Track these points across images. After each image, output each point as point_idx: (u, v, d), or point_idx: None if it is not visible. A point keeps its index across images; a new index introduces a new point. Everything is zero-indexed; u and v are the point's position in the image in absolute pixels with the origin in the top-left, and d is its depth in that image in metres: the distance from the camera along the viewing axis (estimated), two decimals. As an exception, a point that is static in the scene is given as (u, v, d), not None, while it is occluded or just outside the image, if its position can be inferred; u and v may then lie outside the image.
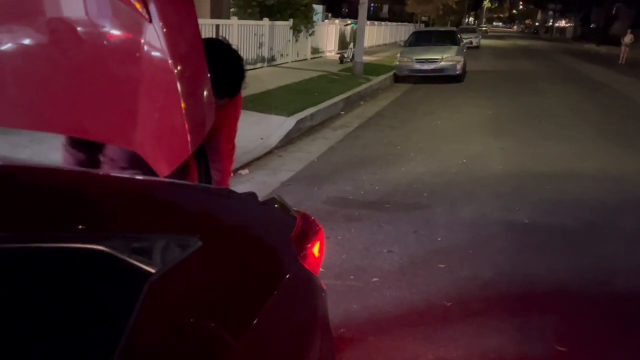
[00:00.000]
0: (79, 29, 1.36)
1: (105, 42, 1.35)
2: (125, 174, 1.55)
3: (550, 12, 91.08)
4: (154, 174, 1.41)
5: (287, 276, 1.22)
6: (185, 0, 1.30)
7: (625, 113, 9.76)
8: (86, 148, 1.61)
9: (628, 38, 24.58)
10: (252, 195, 1.39)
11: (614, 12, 55.49)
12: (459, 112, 9.30)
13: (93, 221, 0.92)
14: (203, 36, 1.38)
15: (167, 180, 1.35)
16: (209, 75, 1.35)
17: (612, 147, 6.79)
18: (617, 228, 4.02)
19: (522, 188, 4.96)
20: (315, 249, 1.45)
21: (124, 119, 1.39)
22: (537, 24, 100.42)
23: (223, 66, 1.61)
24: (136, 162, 1.49)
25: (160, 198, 1.20)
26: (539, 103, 10.59)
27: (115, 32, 1.35)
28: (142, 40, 1.27)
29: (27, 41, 1.44)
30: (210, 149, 1.66)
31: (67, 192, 1.00)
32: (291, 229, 1.35)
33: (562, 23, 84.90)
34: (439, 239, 3.78)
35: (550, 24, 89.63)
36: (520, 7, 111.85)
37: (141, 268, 0.87)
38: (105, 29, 1.34)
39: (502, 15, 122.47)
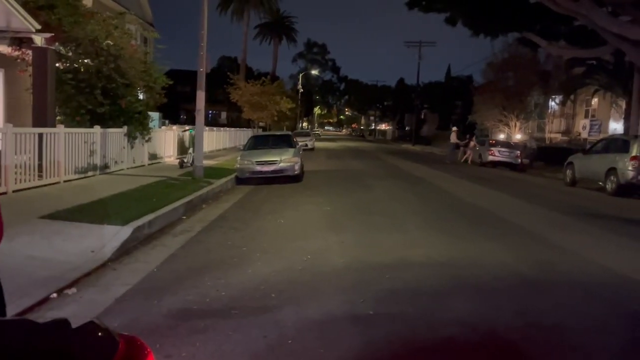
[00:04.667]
0: None
1: None
2: None
3: (372, 117, 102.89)
4: None
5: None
6: None
7: (442, 203, 11.04)
8: None
9: (472, 142, 27.08)
10: (62, 323, 1.18)
11: (422, 116, 64.67)
12: (300, 210, 9.64)
13: None
14: (24, 146, 1.21)
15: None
16: None
17: (436, 235, 7.53)
18: (450, 310, 4.33)
19: (364, 280, 5.15)
20: (144, 377, 1.26)
21: None
22: (362, 127, 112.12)
23: None
24: None
25: None
26: (369, 198, 11.49)
27: None
28: None
29: None
30: None
31: None
32: (110, 358, 1.16)
33: (383, 126, 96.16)
34: (290, 341, 3.66)
35: (373, 127, 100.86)
36: (347, 113, 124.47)
37: None
38: None
39: (331, 120, 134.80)
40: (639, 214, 11.07)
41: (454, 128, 30.19)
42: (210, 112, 49.03)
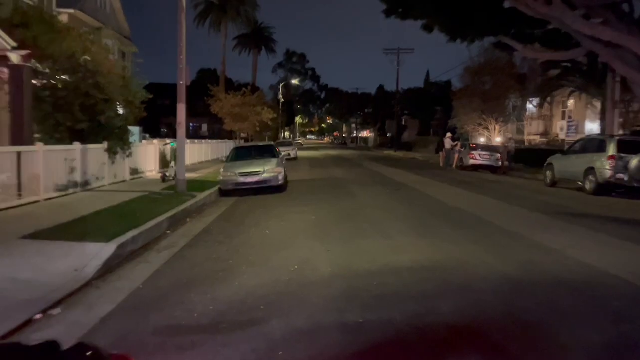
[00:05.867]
0: None
1: None
2: None
3: (353, 125, 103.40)
4: None
5: None
6: None
7: (426, 208, 11.12)
8: None
9: (448, 143, 28.17)
10: (50, 346, 1.17)
11: (403, 123, 65.16)
12: (285, 220, 9.62)
13: None
14: (3, 165, 1.20)
15: None
16: None
17: (420, 239, 7.58)
18: (439, 315, 4.36)
19: (351, 288, 5.16)
20: (136, 397, 1.25)
21: None
22: (344, 135, 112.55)
23: None
24: None
25: None
26: (353, 205, 11.53)
27: None
28: None
29: None
30: None
31: None
32: (102, 379, 1.15)
33: (365, 133, 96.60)
34: (280, 353, 3.65)
35: (355, 134, 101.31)
36: (328, 121, 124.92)
37: None
38: None
39: (313, 129, 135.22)
40: (616, 212, 11.29)
41: (449, 134, 30.49)
42: (191, 124, 48.84)
